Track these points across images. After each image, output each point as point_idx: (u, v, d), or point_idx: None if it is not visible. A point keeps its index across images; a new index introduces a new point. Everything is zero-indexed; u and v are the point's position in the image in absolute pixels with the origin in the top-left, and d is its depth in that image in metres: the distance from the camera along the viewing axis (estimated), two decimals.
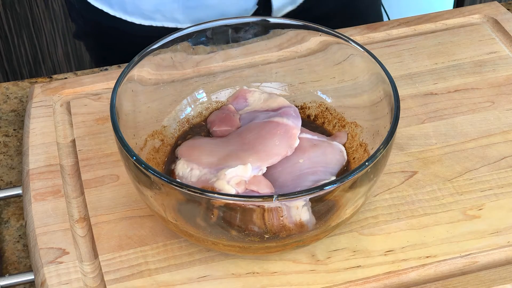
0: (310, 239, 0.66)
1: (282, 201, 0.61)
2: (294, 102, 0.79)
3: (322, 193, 0.62)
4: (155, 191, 0.64)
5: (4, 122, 0.86)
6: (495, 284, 0.66)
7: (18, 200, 0.78)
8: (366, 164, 0.62)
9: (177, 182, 0.61)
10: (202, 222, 0.64)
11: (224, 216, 0.63)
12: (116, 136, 0.65)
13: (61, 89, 0.86)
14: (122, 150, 0.64)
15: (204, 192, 0.61)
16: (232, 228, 0.64)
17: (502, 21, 0.93)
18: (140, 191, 0.66)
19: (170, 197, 0.64)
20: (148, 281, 0.67)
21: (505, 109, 0.82)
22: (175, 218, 0.65)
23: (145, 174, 0.62)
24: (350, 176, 0.61)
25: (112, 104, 0.67)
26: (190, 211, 0.65)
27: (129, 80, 0.71)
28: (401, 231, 0.70)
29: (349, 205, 0.65)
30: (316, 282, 0.66)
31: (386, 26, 0.94)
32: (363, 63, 0.73)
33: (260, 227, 0.63)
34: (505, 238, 0.70)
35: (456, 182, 0.75)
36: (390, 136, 0.64)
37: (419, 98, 0.84)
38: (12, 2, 1.94)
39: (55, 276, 0.67)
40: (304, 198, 0.62)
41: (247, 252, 0.66)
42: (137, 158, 0.62)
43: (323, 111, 0.78)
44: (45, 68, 2.10)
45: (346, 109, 0.77)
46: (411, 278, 0.67)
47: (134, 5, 0.99)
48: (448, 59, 0.89)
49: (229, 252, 0.67)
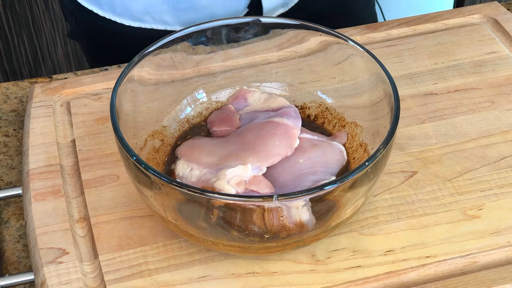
0: (310, 239, 0.66)
1: (282, 201, 0.61)
2: (294, 102, 0.79)
3: (322, 193, 0.62)
4: (155, 191, 0.64)
5: (4, 122, 0.86)
6: (495, 284, 0.66)
7: (18, 200, 0.78)
8: (366, 164, 0.62)
9: (177, 182, 0.61)
10: (202, 223, 0.64)
11: (224, 216, 0.63)
12: (116, 136, 0.65)
13: (61, 89, 0.86)
14: (122, 150, 0.64)
15: (204, 192, 0.61)
16: (232, 228, 0.64)
17: (502, 21, 0.93)
18: (140, 191, 0.66)
19: (170, 197, 0.64)
20: (148, 281, 0.67)
21: (505, 109, 0.82)
22: (175, 218, 0.65)
23: (145, 174, 0.62)
24: (350, 176, 0.61)
25: (112, 104, 0.67)
26: (190, 211, 0.65)
27: (129, 80, 0.71)
28: (401, 231, 0.70)
29: (349, 205, 0.65)
30: (316, 282, 0.66)
31: (386, 26, 0.94)
32: (363, 63, 0.73)
33: (260, 227, 0.63)
34: (505, 238, 0.70)
35: (456, 182, 0.75)
36: (390, 136, 0.64)
37: (419, 98, 0.84)
38: (12, 2, 1.94)
39: (55, 276, 0.67)
40: (304, 198, 0.62)
41: (247, 252, 0.66)
42: (137, 158, 0.63)
43: (323, 111, 0.78)
44: (45, 68, 2.10)
45: (346, 109, 0.77)
46: (411, 278, 0.67)
47: (123, 6, 0.99)
48: (448, 59, 0.89)
49: (229, 252, 0.67)
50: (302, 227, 0.64)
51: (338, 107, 0.77)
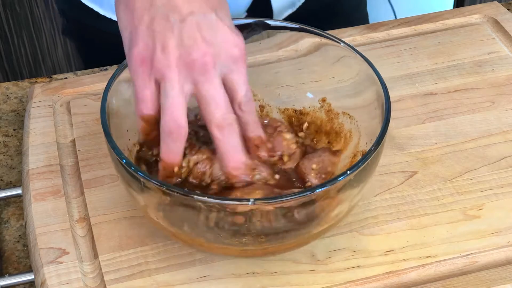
0: (292, 244, 0.65)
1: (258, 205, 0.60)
2: (294, 106, 0.77)
3: (296, 199, 0.60)
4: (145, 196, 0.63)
5: (4, 122, 0.86)
6: (495, 284, 0.66)
7: (18, 200, 0.78)
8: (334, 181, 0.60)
9: (156, 181, 0.60)
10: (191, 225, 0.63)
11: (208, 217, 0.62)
12: (107, 139, 0.64)
13: (61, 89, 0.86)
14: (112, 152, 0.64)
15: (182, 192, 0.59)
16: (220, 230, 0.63)
17: (502, 21, 0.93)
18: (130, 193, 0.65)
19: (153, 196, 0.62)
20: (148, 281, 0.67)
21: (505, 109, 0.82)
22: (156, 216, 0.64)
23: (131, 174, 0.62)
24: (324, 187, 0.60)
25: (103, 104, 0.67)
26: (177, 214, 0.64)
27: (124, 81, 0.70)
28: (401, 231, 0.70)
29: (332, 212, 0.63)
30: (316, 282, 0.66)
31: (386, 26, 0.94)
32: (356, 66, 0.72)
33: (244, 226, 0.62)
34: (505, 238, 0.70)
35: (456, 182, 0.75)
36: (377, 142, 0.63)
37: (419, 98, 0.84)
38: (12, 2, 1.94)
39: (55, 276, 0.67)
40: (280, 204, 0.61)
41: (245, 254, 0.65)
42: (119, 154, 0.61)
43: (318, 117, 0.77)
44: (45, 68, 2.10)
45: (345, 110, 0.76)
46: (411, 278, 0.67)
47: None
48: (448, 59, 0.89)
49: (226, 254, 0.66)
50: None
51: (338, 108, 0.76)
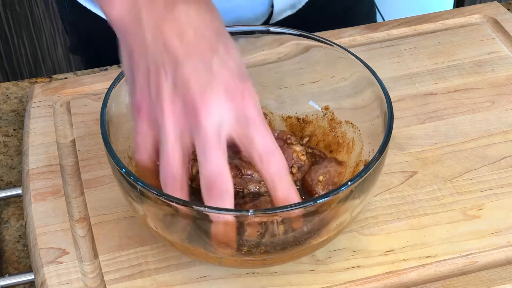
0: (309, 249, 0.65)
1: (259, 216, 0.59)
2: (297, 114, 0.77)
3: (296, 211, 0.59)
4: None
5: (4, 122, 0.86)
6: (495, 284, 0.66)
7: (18, 200, 0.78)
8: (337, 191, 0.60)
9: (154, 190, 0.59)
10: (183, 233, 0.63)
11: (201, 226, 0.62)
12: (106, 147, 0.64)
13: (61, 89, 0.86)
14: (110, 159, 0.64)
15: (182, 202, 0.59)
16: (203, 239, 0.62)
17: (502, 21, 0.93)
18: (127, 200, 0.65)
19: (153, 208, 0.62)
20: (148, 281, 0.67)
21: (505, 109, 0.82)
22: (156, 226, 0.64)
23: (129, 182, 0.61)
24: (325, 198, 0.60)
25: (104, 105, 0.67)
26: (176, 224, 0.64)
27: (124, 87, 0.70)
28: (401, 231, 0.70)
29: (333, 224, 0.63)
30: (316, 282, 0.66)
31: (386, 26, 0.94)
32: (349, 66, 0.71)
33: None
34: (505, 238, 0.70)
35: (456, 182, 0.75)
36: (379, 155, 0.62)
37: (419, 98, 0.84)
38: (12, 2, 1.94)
39: (55, 276, 0.67)
40: (280, 215, 0.60)
41: (246, 265, 0.65)
42: (118, 163, 0.61)
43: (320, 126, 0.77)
44: (45, 68, 2.10)
45: (345, 116, 0.76)
46: (411, 278, 0.67)
47: None
48: (448, 59, 0.89)
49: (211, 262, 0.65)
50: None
51: (337, 112, 0.76)
